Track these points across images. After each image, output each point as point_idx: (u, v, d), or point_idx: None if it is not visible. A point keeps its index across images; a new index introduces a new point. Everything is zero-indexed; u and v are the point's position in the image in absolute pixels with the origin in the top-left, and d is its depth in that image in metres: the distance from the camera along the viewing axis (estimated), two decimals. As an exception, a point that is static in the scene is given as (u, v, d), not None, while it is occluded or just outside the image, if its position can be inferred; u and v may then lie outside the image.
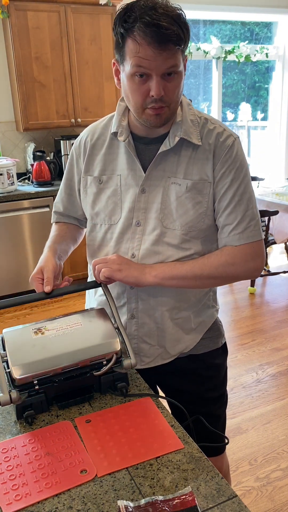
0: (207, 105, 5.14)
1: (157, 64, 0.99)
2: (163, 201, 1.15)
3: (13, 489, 0.82)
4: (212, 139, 1.14)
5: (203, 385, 1.33)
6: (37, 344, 1.07)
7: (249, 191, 1.19)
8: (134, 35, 0.98)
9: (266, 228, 3.70)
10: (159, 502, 0.77)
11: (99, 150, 1.22)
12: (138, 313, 1.22)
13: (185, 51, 1.05)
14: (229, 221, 1.16)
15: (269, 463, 2.06)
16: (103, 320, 1.15)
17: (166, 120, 1.09)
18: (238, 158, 1.16)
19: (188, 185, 1.14)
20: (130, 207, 1.18)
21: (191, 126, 1.14)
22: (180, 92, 1.08)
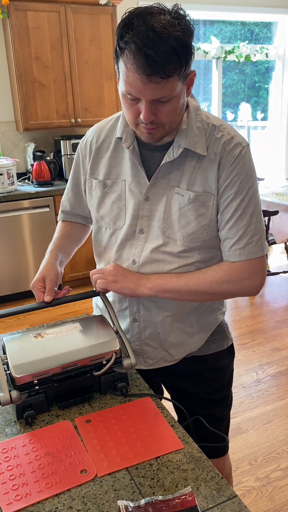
0: (207, 105, 5.14)
1: (145, 92, 0.94)
2: (166, 210, 1.13)
3: (13, 489, 0.82)
4: (219, 149, 1.08)
5: (206, 386, 1.31)
6: (36, 346, 1.07)
7: (254, 204, 1.11)
8: (125, 57, 0.92)
9: (266, 228, 3.70)
10: (159, 502, 0.77)
11: (104, 153, 1.20)
12: (140, 317, 1.22)
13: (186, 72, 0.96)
14: (230, 235, 1.12)
15: (269, 463, 2.06)
16: (102, 324, 1.15)
17: (160, 138, 1.05)
18: (244, 169, 1.09)
19: (191, 196, 1.10)
20: (134, 214, 1.16)
21: (197, 134, 1.09)
22: (178, 113, 1.02)
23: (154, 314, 1.20)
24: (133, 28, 0.89)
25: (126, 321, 1.24)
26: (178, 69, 0.92)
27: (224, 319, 1.33)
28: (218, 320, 1.29)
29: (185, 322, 1.23)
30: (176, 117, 1.03)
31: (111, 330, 1.12)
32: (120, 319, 1.24)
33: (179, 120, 1.06)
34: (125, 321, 1.24)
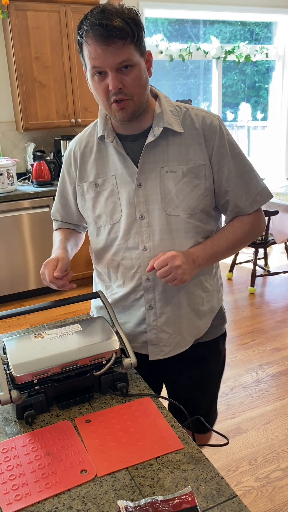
0: (207, 105, 5.14)
1: (107, 60, 1.05)
2: (162, 190, 1.19)
3: (13, 489, 0.82)
4: (199, 124, 1.19)
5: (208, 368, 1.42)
6: (36, 346, 1.07)
7: (247, 162, 1.26)
8: (85, 39, 1.05)
9: (266, 228, 3.70)
10: (159, 502, 0.77)
11: (88, 156, 1.26)
12: (156, 303, 1.26)
13: (140, 46, 1.09)
14: (240, 192, 1.24)
15: (269, 463, 2.06)
16: (102, 325, 1.16)
17: (133, 113, 1.13)
18: (229, 137, 1.23)
19: (184, 170, 1.18)
20: (131, 203, 1.21)
21: (171, 116, 1.19)
22: (142, 84, 1.11)
23: (170, 296, 1.25)
24: (88, 16, 1.05)
25: (141, 310, 1.27)
26: (130, 36, 1.04)
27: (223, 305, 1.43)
28: (220, 302, 1.39)
29: (197, 302, 1.30)
30: (141, 89, 1.12)
31: (111, 330, 1.12)
32: (134, 309, 1.28)
33: (145, 95, 1.14)
34: (139, 311, 1.28)
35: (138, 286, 1.25)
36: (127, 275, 1.26)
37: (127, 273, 1.26)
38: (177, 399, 1.36)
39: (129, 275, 1.26)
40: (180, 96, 5.01)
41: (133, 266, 1.24)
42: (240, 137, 5.67)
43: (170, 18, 4.68)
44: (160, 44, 4.52)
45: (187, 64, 4.98)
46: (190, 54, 4.61)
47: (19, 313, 1.20)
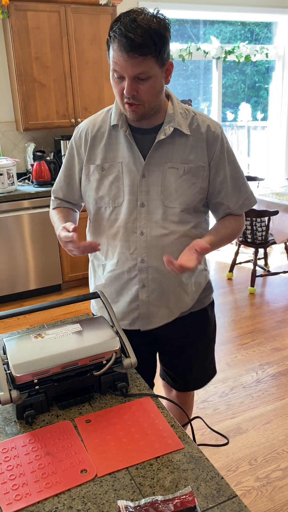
0: (207, 105, 5.14)
1: (126, 68, 1.15)
2: (163, 183, 1.31)
3: (13, 489, 0.82)
4: (204, 130, 1.32)
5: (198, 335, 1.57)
6: (37, 346, 1.07)
7: (240, 169, 1.42)
8: (112, 42, 1.15)
9: (266, 228, 3.70)
10: (159, 502, 0.77)
11: (100, 140, 1.35)
12: (148, 282, 1.38)
13: (162, 59, 1.16)
14: (233, 195, 1.40)
15: (269, 463, 2.06)
16: (102, 325, 1.16)
17: (142, 116, 1.24)
18: (227, 145, 1.37)
19: (185, 169, 1.31)
20: (133, 191, 1.32)
21: (181, 118, 1.30)
22: (156, 93, 1.21)
23: (161, 276, 1.38)
24: (120, 21, 1.13)
25: (134, 288, 1.39)
26: (152, 51, 1.13)
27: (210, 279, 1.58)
28: (207, 279, 1.54)
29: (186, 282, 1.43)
30: (154, 98, 1.22)
31: (111, 330, 1.12)
32: (128, 288, 1.40)
33: (157, 102, 1.24)
34: (132, 289, 1.40)
35: (133, 266, 1.37)
36: (123, 256, 1.37)
37: (123, 253, 1.37)
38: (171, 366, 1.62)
39: (125, 256, 1.37)
40: (180, 96, 5.01)
41: (129, 248, 1.36)
42: (240, 137, 5.67)
43: (170, 18, 4.67)
44: (160, 44, 4.51)
45: (187, 64, 4.98)
46: (190, 54, 4.61)
47: (19, 313, 1.20)
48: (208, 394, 2.57)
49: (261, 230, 3.75)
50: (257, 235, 3.77)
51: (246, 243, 3.87)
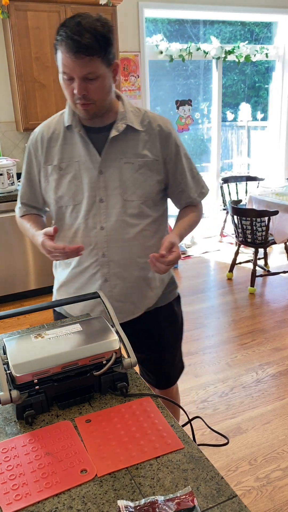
0: (207, 105, 5.14)
1: (75, 69, 1.21)
2: (120, 178, 1.36)
3: (13, 489, 0.82)
4: (156, 126, 1.39)
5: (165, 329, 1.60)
6: (37, 346, 1.07)
7: (192, 161, 1.52)
8: (59, 47, 1.21)
9: (266, 228, 3.70)
10: (159, 502, 0.77)
11: (55, 142, 1.41)
12: (110, 276, 1.43)
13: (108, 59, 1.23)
14: (190, 185, 1.49)
15: (269, 463, 2.06)
16: (102, 325, 1.16)
17: (94, 115, 1.31)
18: (179, 139, 1.45)
19: (140, 163, 1.37)
20: (92, 187, 1.37)
21: (133, 116, 1.38)
22: (105, 92, 1.28)
23: (123, 270, 1.43)
24: (66, 25, 1.20)
25: (98, 283, 1.44)
26: (98, 52, 1.19)
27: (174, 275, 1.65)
28: (170, 275, 1.60)
29: (149, 277, 1.48)
30: (104, 96, 1.28)
31: (111, 330, 1.12)
32: (91, 283, 1.44)
33: (107, 100, 1.31)
34: (95, 284, 1.44)
35: (95, 261, 1.42)
36: (85, 252, 1.41)
37: (85, 249, 1.41)
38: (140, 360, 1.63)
39: (87, 252, 1.41)
40: (180, 96, 5.01)
41: (90, 243, 1.40)
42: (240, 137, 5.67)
43: (170, 18, 4.68)
44: (160, 44, 4.52)
45: (187, 64, 4.98)
46: (190, 54, 4.61)
47: (19, 313, 1.20)
48: (208, 394, 2.57)
49: (261, 230, 3.75)
50: (257, 235, 3.77)
51: (246, 243, 3.87)
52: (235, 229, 3.94)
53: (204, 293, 3.97)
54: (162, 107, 5.09)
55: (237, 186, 5.04)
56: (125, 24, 4.23)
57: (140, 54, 4.37)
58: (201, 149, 5.54)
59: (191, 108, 4.94)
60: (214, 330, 3.33)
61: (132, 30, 4.30)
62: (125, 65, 4.34)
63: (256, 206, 4.00)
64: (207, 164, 5.46)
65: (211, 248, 5.09)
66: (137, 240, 1.41)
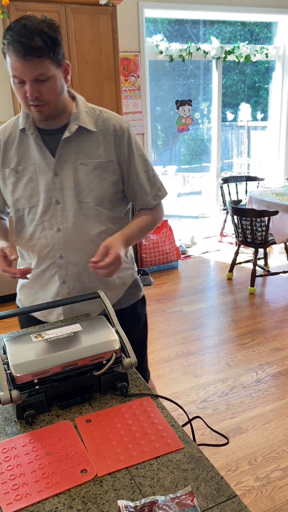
0: (207, 105, 5.14)
1: (25, 72, 1.20)
2: (75, 180, 1.36)
3: (13, 489, 0.82)
4: (110, 126, 1.38)
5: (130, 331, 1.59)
6: (37, 346, 1.07)
7: (149, 162, 1.49)
8: (7, 51, 1.20)
9: (266, 228, 3.70)
10: (159, 502, 0.77)
11: (11, 145, 1.40)
12: (68, 278, 1.43)
13: (57, 59, 1.23)
14: (146, 188, 1.46)
15: (269, 463, 2.06)
16: (102, 325, 1.16)
17: (48, 116, 1.30)
18: (135, 139, 1.43)
19: (95, 164, 1.36)
20: (48, 189, 1.36)
21: (86, 116, 1.37)
22: (57, 92, 1.27)
23: (81, 271, 1.42)
24: (12, 29, 1.18)
25: (55, 285, 1.44)
26: (46, 53, 1.19)
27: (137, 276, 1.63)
28: (133, 277, 1.58)
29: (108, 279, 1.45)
30: (56, 97, 1.28)
31: (111, 330, 1.12)
32: (50, 285, 1.45)
33: (60, 101, 1.30)
34: (54, 286, 1.44)
35: (52, 263, 1.42)
36: (42, 253, 1.42)
37: (42, 251, 1.41)
38: None
39: (44, 253, 1.41)
40: (180, 96, 5.01)
41: (48, 245, 1.40)
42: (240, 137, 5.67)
43: (170, 18, 4.68)
44: (160, 44, 4.52)
45: (187, 64, 4.98)
46: (190, 54, 4.61)
47: (19, 313, 1.20)
48: (208, 394, 2.57)
49: (261, 230, 3.75)
50: (257, 235, 3.77)
51: (246, 243, 3.87)
52: (235, 229, 3.94)
53: (204, 293, 3.97)
54: (162, 107, 5.09)
55: (237, 186, 5.04)
56: (125, 24, 4.23)
57: (140, 54, 4.37)
58: (201, 149, 5.54)
59: (191, 108, 4.94)
60: (214, 330, 3.33)
61: (132, 30, 4.30)
62: (125, 65, 4.34)
63: (256, 206, 4.00)
64: (207, 164, 5.46)
65: (211, 248, 5.09)
66: (95, 242, 1.38)
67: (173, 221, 5.22)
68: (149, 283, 4.20)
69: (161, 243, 4.45)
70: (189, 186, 6.13)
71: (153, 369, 2.81)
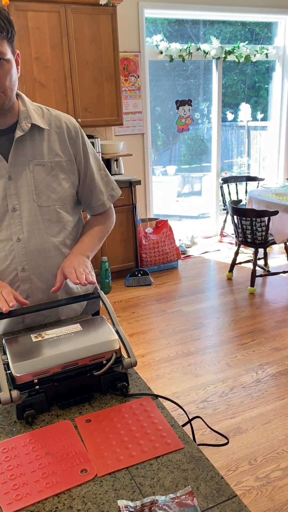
0: (207, 105, 5.14)
1: None
2: (32, 182, 1.26)
3: (14, 489, 0.82)
4: (62, 123, 1.31)
5: None
6: (37, 346, 1.07)
7: (101, 161, 1.44)
8: None
9: (266, 228, 3.70)
10: (159, 502, 0.77)
11: None
12: (33, 291, 1.32)
13: (12, 44, 1.15)
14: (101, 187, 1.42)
15: (269, 463, 2.06)
16: (102, 324, 1.16)
17: (2, 105, 1.18)
18: (86, 138, 1.37)
19: (52, 164, 1.28)
20: (2, 196, 1.24)
21: (35, 114, 1.28)
22: (13, 79, 1.18)
23: (44, 285, 1.33)
24: None
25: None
26: (4, 31, 1.11)
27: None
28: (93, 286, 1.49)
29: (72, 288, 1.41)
30: (11, 84, 1.18)
31: (111, 330, 1.12)
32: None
33: (14, 91, 1.21)
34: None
35: (14, 277, 1.29)
36: (0, 268, 1.27)
37: (1, 265, 1.27)
38: None
39: (3, 268, 1.27)
40: (180, 96, 5.01)
41: (7, 258, 1.27)
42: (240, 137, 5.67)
43: (170, 18, 4.68)
44: (160, 44, 4.52)
45: (187, 64, 4.98)
46: (190, 54, 4.61)
47: (19, 313, 1.20)
48: (208, 394, 2.57)
49: (261, 230, 3.75)
50: (257, 235, 3.77)
51: (246, 243, 3.87)
52: (235, 229, 3.94)
53: (204, 293, 3.97)
54: (162, 107, 5.09)
55: (237, 186, 5.04)
56: (125, 24, 4.24)
57: (140, 54, 4.37)
58: (201, 149, 5.54)
59: (191, 108, 4.94)
60: (214, 330, 3.33)
61: (132, 30, 4.30)
62: (125, 65, 4.34)
63: (256, 206, 4.00)
64: (207, 164, 5.46)
65: (211, 248, 5.09)
66: (58, 250, 1.32)
67: (173, 221, 5.22)
68: (149, 283, 4.20)
69: (161, 243, 4.45)
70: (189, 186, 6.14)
71: (153, 369, 2.81)
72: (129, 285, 4.19)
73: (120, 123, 4.07)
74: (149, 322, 3.49)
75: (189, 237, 5.20)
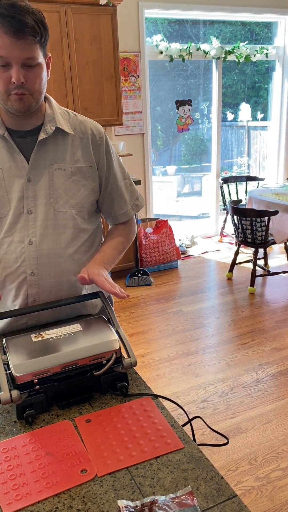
0: (207, 105, 5.14)
1: (14, 53, 1.07)
2: (51, 186, 1.24)
3: (13, 489, 0.82)
4: (87, 129, 1.30)
5: None
6: (37, 346, 1.07)
7: (126, 170, 1.42)
8: None
9: (266, 228, 3.70)
10: (159, 502, 0.77)
11: None
12: (39, 296, 1.30)
13: (44, 48, 1.14)
14: (125, 196, 1.39)
15: (269, 463, 2.06)
16: (102, 324, 1.16)
17: (29, 107, 1.17)
18: (112, 145, 1.35)
19: (73, 170, 1.26)
20: (19, 197, 1.22)
21: (61, 118, 1.27)
22: (43, 83, 1.17)
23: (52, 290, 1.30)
24: None
25: (24, 303, 1.30)
26: (38, 36, 1.09)
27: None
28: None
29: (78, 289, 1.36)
30: (40, 87, 1.17)
31: (111, 330, 1.12)
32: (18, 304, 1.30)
33: (43, 94, 1.20)
34: (23, 304, 1.30)
35: (23, 281, 1.26)
36: (9, 270, 1.25)
37: (9, 268, 1.25)
38: None
39: (12, 270, 1.25)
40: (180, 96, 5.01)
41: (17, 260, 1.24)
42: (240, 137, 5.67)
43: (170, 18, 4.68)
44: (160, 44, 4.52)
45: (187, 64, 4.98)
46: (190, 54, 4.61)
47: (19, 313, 1.20)
48: (208, 394, 2.57)
49: (261, 230, 3.75)
50: (257, 235, 3.77)
51: (246, 243, 3.87)
52: (235, 229, 3.94)
53: (204, 293, 3.97)
54: (162, 107, 5.09)
55: (237, 186, 5.04)
56: (125, 24, 4.24)
57: (140, 54, 4.37)
58: (201, 149, 5.54)
59: (191, 108, 4.94)
60: (214, 330, 3.33)
61: (132, 30, 4.30)
62: (125, 65, 4.34)
63: (256, 206, 4.00)
64: (207, 164, 5.46)
65: (211, 248, 5.09)
66: (71, 256, 1.29)
67: (173, 221, 5.22)
68: (149, 283, 4.20)
69: (161, 243, 4.45)
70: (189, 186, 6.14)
71: (153, 369, 2.81)
72: (129, 285, 4.20)
73: (120, 123, 4.07)
74: (149, 322, 3.49)
75: (189, 237, 5.20)
